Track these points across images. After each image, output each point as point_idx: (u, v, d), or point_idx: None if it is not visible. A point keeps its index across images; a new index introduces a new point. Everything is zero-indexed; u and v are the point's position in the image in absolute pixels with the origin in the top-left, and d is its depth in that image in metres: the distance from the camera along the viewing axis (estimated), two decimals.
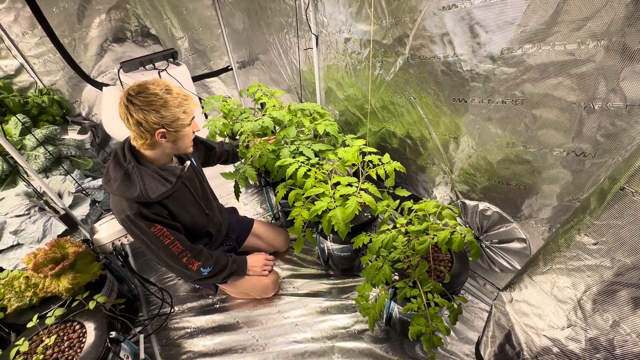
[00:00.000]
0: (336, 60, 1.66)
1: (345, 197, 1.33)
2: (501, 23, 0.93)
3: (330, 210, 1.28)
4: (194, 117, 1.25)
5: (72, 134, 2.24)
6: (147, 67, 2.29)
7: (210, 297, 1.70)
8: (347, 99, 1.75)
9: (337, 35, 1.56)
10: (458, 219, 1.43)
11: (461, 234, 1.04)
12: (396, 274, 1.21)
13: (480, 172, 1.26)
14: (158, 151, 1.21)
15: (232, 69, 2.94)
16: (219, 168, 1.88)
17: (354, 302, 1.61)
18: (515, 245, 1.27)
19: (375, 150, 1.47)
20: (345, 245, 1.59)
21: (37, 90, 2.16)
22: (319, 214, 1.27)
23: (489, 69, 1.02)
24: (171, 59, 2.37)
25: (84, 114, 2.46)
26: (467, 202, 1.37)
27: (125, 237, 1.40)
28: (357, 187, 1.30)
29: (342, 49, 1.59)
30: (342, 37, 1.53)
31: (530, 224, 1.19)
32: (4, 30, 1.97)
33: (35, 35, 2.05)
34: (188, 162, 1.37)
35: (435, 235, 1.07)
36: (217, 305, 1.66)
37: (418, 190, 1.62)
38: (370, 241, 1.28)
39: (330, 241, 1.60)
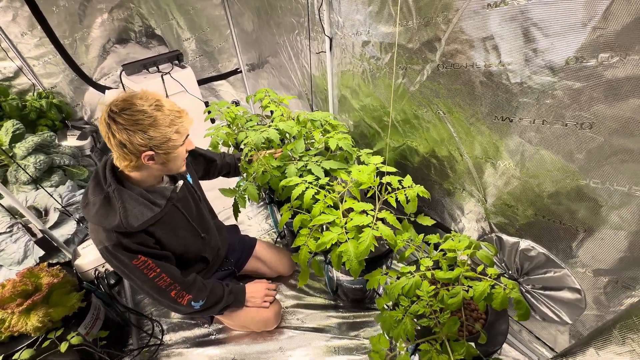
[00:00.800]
0: (352, 66, 1.47)
1: (358, 229, 1.14)
2: (569, 24, 0.72)
3: (340, 243, 1.09)
4: (188, 136, 1.09)
5: (72, 140, 2.13)
6: (150, 70, 2.16)
7: (205, 326, 1.54)
8: (363, 109, 1.55)
9: (354, 37, 1.37)
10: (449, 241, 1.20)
11: (504, 288, 0.83)
12: (418, 326, 1.01)
13: (524, 205, 1.04)
14: (145, 173, 1.06)
15: (241, 71, 2.79)
16: (219, 179, 1.72)
17: (365, 342, 1.41)
18: (565, 294, 1.04)
19: (393, 169, 1.28)
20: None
21: (35, 94, 2.07)
22: (328, 247, 1.09)
23: (547, 83, 0.81)
24: (176, 62, 2.23)
25: (86, 118, 2.35)
26: (505, 237, 1.15)
27: None
28: (373, 216, 1.11)
29: (359, 54, 1.39)
30: (360, 39, 1.34)
31: (586, 274, 0.97)
32: (1, 31, 1.88)
33: (35, 36, 1.95)
34: (180, 182, 1.20)
35: (470, 287, 0.87)
36: (213, 337, 1.50)
37: (443, 217, 1.41)
38: (388, 282, 1.08)
39: (340, 272, 1.41)
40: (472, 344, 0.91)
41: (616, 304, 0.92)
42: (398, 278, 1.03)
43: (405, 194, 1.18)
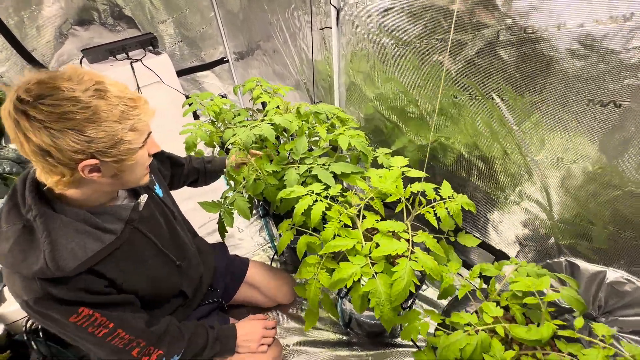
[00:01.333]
0: (366, 43, 1.16)
1: (389, 260, 0.85)
2: None
3: (363, 278, 0.79)
4: (150, 134, 0.77)
5: None
6: (118, 56, 1.81)
7: None
8: (379, 98, 1.25)
9: (370, 4, 1.06)
10: (553, 282, 0.92)
11: None
12: None
13: (619, 225, 0.76)
14: (87, 190, 0.73)
15: (228, 60, 2.45)
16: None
17: None
18: None
19: (424, 174, 0.98)
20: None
21: None
22: (348, 285, 0.79)
23: None
24: (150, 47, 1.89)
25: None
26: (582, 264, 0.86)
27: None
28: (407, 239, 0.81)
29: (376, 26, 1.09)
30: (379, 6, 1.03)
31: None
32: None
33: None
34: (144, 197, 0.88)
35: (574, 358, 0.58)
36: None
37: (486, 233, 1.12)
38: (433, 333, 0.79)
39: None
40: None
41: None
42: (447, 329, 0.73)
43: (446, 208, 0.89)
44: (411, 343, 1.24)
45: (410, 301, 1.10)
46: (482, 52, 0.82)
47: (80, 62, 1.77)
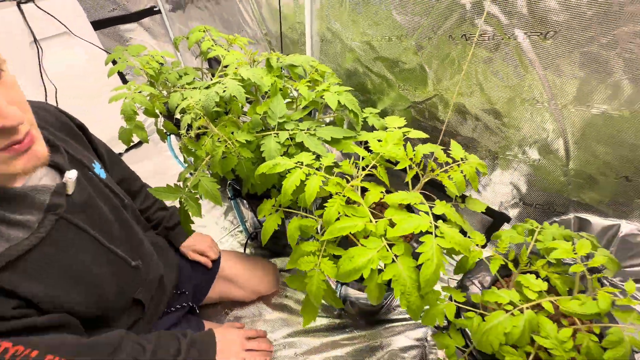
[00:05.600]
0: None
1: (410, 240, 0.72)
2: None
3: (383, 265, 0.65)
4: None
5: None
6: None
7: None
8: (364, 46, 1.05)
9: None
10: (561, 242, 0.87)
11: None
12: None
13: (633, 170, 0.71)
14: None
15: (159, 11, 1.99)
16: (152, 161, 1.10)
17: None
18: None
19: (425, 135, 0.85)
20: None
21: None
22: (367, 275, 0.63)
23: None
24: None
25: None
26: (592, 219, 0.83)
27: None
28: (427, 212, 0.67)
29: None
30: None
31: None
32: None
33: None
34: (72, 174, 0.62)
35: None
36: None
37: (485, 195, 1.04)
38: (460, 315, 0.69)
39: (353, 288, 0.99)
40: None
41: None
42: (481, 311, 0.64)
43: (462, 171, 0.77)
44: (407, 317, 1.18)
45: None
46: None
47: None
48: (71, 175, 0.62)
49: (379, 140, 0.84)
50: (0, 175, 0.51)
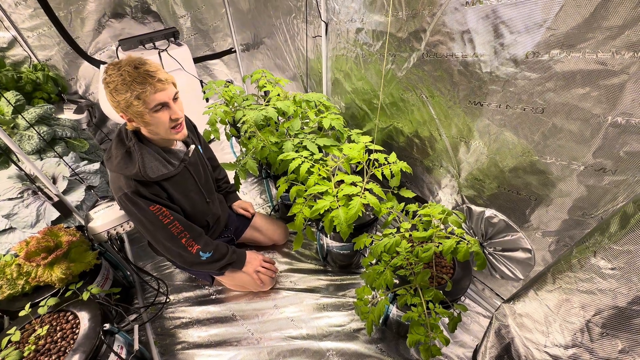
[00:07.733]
0: (346, 51, 1.58)
1: (348, 197, 1.30)
2: (529, 24, 0.87)
3: (332, 209, 1.24)
4: (163, 105, 1.06)
5: (68, 114, 2.16)
6: (146, 46, 2.19)
7: (206, 287, 1.69)
8: (354, 91, 1.68)
9: (349, 24, 1.48)
10: (463, 225, 1.39)
11: (467, 244, 1.01)
12: (397, 279, 1.19)
13: (490, 179, 1.22)
14: (147, 133, 1.16)
15: (235, 51, 2.83)
16: (219, 155, 1.82)
17: (350, 300, 1.60)
18: (519, 254, 1.24)
19: (381, 148, 1.43)
20: (345, 244, 1.57)
21: (31, 66, 2.07)
22: (321, 212, 1.24)
23: (510, 73, 0.96)
24: (172, 39, 2.27)
25: (80, 92, 2.37)
26: (473, 207, 1.33)
27: (121, 227, 1.37)
28: (361, 187, 1.26)
29: (352, 39, 1.51)
30: (354, 26, 1.45)
31: (536, 235, 1.16)
32: None
33: (29, 6, 1.94)
34: (192, 147, 1.32)
35: (440, 244, 1.04)
36: (213, 297, 1.65)
37: (423, 191, 1.58)
38: (372, 243, 1.25)
39: (330, 239, 1.57)
40: (440, 291, 1.09)
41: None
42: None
43: (390, 169, 1.34)
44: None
45: (370, 231, 1.57)
46: (415, 65, 1.25)
47: (117, 50, 2.15)
48: (192, 147, 1.33)
49: (350, 148, 1.44)
50: (169, 140, 1.23)
